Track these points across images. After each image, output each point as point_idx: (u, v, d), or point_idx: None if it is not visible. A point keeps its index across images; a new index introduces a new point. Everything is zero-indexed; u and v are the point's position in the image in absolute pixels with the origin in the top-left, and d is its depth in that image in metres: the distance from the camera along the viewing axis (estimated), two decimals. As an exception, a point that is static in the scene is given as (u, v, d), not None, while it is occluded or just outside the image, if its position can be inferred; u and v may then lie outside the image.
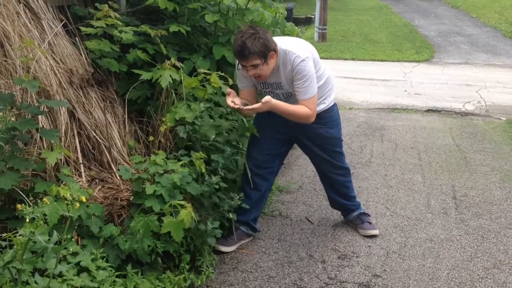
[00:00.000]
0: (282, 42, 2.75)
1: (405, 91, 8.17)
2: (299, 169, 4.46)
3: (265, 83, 2.85)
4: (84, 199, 1.96)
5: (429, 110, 6.91)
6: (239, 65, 2.77)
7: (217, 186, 2.78)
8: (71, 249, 2.07)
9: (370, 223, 3.32)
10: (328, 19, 13.91)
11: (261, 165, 3.08)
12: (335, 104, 3.06)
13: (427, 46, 12.67)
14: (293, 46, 2.74)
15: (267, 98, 2.66)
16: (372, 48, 12.53)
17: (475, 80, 8.96)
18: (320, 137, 3.02)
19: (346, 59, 11.33)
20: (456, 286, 2.70)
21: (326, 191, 3.36)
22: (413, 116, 6.60)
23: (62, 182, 2.41)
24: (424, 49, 12.32)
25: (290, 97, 2.85)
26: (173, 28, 3.25)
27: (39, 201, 1.76)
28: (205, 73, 3.05)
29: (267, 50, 2.60)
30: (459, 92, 8.02)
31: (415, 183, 4.14)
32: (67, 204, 2.06)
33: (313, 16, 15.87)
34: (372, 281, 2.75)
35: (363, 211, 3.36)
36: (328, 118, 3.01)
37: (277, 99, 2.82)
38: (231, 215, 2.93)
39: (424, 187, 4.05)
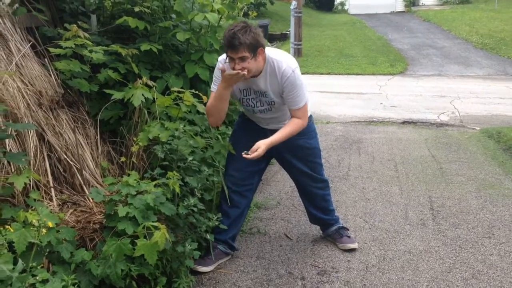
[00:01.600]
0: (269, 51, 2.74)
1: (381, 103, 8.26)
2: (277, 185, 4.44)
3: (248, 89, 2.81)
4: (50, 224, 1.90)
5: (405, 122, 6.99)
6: (223, 62, 2.70)
7: (195, 209, 2.73)
8: (40, 277, 2.00)
9: (349, 237, 3.30)
10: (303, 35, 14.06)
11: (239, 183, 3.04)
12: (311, 115, 3.06)
13: (401, 59, 12.89)
14: (281, 56, 2.75)
15: (259, 144, 2.68)
16: (347, 62, 12.68)
17: (448, 91, 9.12)
18: (301, 148, 3.01)
19: (322, 74, 11.44)
20: (436, 298, 2.69)
21: (305, 206, 3.33)
22: (389, 128, 6.66)
23: (31, 207, 2.34)
24: (398, 62, 12.53)
25: (274, 105, 2.83)
26: (145, 46, 3.22)
27: (1, 228, 1.70)
28: (178, 92, 3.02)
29: (257, 44, 2.58)
30: (434, 104, 8.13)
31: (392, 195, 4.15)
32: (36, 230, 2.01)
33: (288, 32, 16.02)
34: (352, 296, 2.72)
35: (341, 225, 3.34)
36: (307, 128, 3.00)
37: (260, 106, 2.83)
38: (208, 236, 2.88)
39: (401, 199, 4.06)
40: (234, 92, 2.85)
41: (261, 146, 2.69)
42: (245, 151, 2.71)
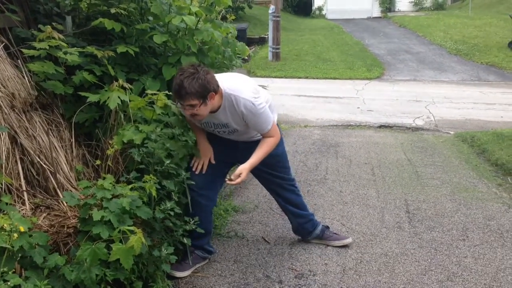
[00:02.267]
0: (226, 83, 2.68)
1: (358, 108, 8.34)
2: (254, 188, 4.43)
3: (209, 122, 2.82)
4: (22, 229, 1.85)
5: (381, 126, 7.07)
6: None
7: (171, 212, 2.70)
8: (11, 282, 1.95)
9: (337, 234, 3.37)
10: (281, 39, 14.13)
11: (204, 186, 2.98)
12: (278, 123, 3.06)
13: (377, 64, 13.05)
14: (238, 88, 2.69)
15: (241, 169, 2.72)
16: (325, 67, 12.78)
17: (423, 96, 9.27)
18: (270, 156, 2.99)
19: (300, 78, 11.50)
20: (411, 300, 2.71)
21: (283, 207, 3.32)
22: (366, 132, 6.72)
23: (2, 211, 2.28)
24: (374, 67, 12.68)
25: (235, 132, 2.85)
26: (121, 48, 3.18)
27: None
28: (152, 94, 2.99)
29: (206, 92, 2.53)
30: (409, 108, 8.25)
31: (369, 198, 4.18)
32: (7, 235, 1.96)
33: (266, 36, 16.07)
34: (330, 299, 2.72)
35: (324, 225, 3.40)
36: None
37: (220, 135, 2.89)
38: (185, 240, 2.85)
39: (378, 202, 4.10)
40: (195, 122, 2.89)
41: (243, 171, 2.74)
42: (227, 177, 2.78)
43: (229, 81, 2.72)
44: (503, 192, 4.32)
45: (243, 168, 2.74)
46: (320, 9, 26.98)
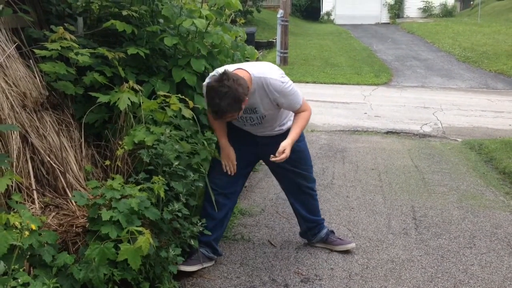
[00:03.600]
0: (254, 69, 2.75)
1: (365, 113, 8.33)
2: (261, 192, 4.43)
3: (243, 110, 2.79)
4: (34, 227, 1.87)
5: (389, 132, 7.05)
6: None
7: (179, 214, 2.72)
8: (21, 280, 1.96)
9: (342, 239, 3.37)
10: (289, 43, 14.15)
11: (225, 186, 3.06)
12: None
13: (385, 70, 13.03)
14: (265, 70, 2.76)
15: (284, 145, 2.78)
16: (332, 72, 12.78)
17: (431, 102, 9.24)
18: (292, 151, 3.02)
19: (307, 82, 11.50)
20: (418, 307, 2.70)
21: (296, 210, 3.32)
22: (373, 138, 6.71)
23: (13, 209, 2.30)
24: (382, 72, 12.66)
25: (264, 118, 2.88)
26: (132, 50, 3.21)
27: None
28: (164, 96, 3.01)
29: (241, 102, 2.59)
30: (417, 115, 8.23)
31: (376, 204, 4.18)
32: (17, 233, 1.98)
33: (274, 40, 16.11)
34: (335, 304, 2.72)
35: (329, 228, 3.41)
36: None
37: (250, 121, 2.91)
38: (192, 242, 2.86)
39: (384, 208, 4.09)
40: None
41: (286, 147, 2.79)
42: (272, 155, 2.80)
43: (257, 67, 2.80)
44: (511, 201, 4.30)
45: (286, 144, 2.79)
46: (328, 14, 27.01)
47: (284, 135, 2.96)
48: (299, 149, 3.09)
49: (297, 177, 3.17)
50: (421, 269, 3.11)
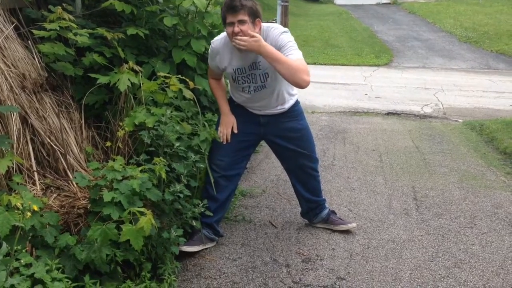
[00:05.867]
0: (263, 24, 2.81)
1: (366, 94, 8.30)
2: (262, 173, 4.44)
3: (243, 68, 2.83)
4: (35, 208, 1.87)
5: (389, 113, 7.04)
6: (216, 43, 2.84)
7: (181, 195, 2.72)
8: (23, 261, 1.97)
9: (342, 219, 3.38)
10: (289, 24, 14.00)
11: (227, 167, 3.04)
12: (298, 100, 3.12)
13: (386, 51, 12.96)
14: (272, 24, 2.87)
15: (259, 36, 2.61)
16: (333, 53, 12.72)
17: (432, 83, 9.21)
18: (294, 130, 3.03)
19: (307, 64, 11.42)
20: (418, 286, 2.71)
21: (297, 191, 3.31)
22: (374, 119, 6.70)
23: (14, 190, 2.30)
24: (383, 53, 12.60)
25: (267, 80, 2.85)
26: (131, 31, 3.17)
27: (-15, 211, 1.67)
28: (164, 77, 2.99)
29: (257, 13, 2.66)
30: (418, 95, 8.21)
31: (377, 185, 4.18)
32: (19, 214, 1.97)
33: (274, 21, 15.95)
34: (337, 283, 2.73)
35: (330, 209, 3.42)
36: (297, 111, 3.08)
37: (254, 83, 2.86)
38: (194, 223, 2.87)
39: (385, 189, 4.09)
40: (229, 73, 2.91)
41: (258, 37, 2.59)
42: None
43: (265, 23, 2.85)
44: (512, 181, 4.31)
45: (259, 38, 2.59)
46: (328, -6, 26.73)
47: (286, 114, 2.98)
48: (301, 127, 3.08)
49: (299, 156, 3.14)
50: (422, 248, 3.12)
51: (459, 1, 21.77)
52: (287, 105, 3.01)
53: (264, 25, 2.78)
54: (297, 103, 3.08)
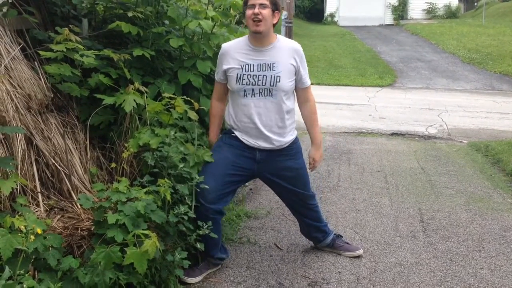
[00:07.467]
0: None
1: (370, 115, 8.30)
2: (267, 194, 4.40)
3: (251, 65, 2.78)
4: (39, 231, 1.84)
5: (394, 134, 7.02)
6: (226, 47, 2.88)
7: (185, 217, 2.67)
8: (26, 284, 1.94)
9: (349, 244, 3.32)
10: (293, 45, 14.12)
11: (214, 202, 2.83)
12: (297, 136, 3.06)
13: (389, 71, 13.00)
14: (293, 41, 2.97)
15: (314, 156, 3.05)
16: (336, 73, 12.76)
17: (436, 104, 9.21)
18: (290, 169, 2.97)
19: (312, 84, 11.45)
20: (427, 311, 2.66)
21: (298, 218, 3.28)
22: (378, 139, 6.67)
23: (17, 212, 2.28)
24: (386, 74, 12.64)
25: (275, 85, 2.77)
26: (137, 52, 3.18)
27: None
28: (169, 98, 2.98)
29: (277, 4, 2.73)
30: (422, 116, 8.19)
31: (382, 207, 4.14)
32: (23, 237, 1.95)
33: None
34: (343, 308, 2.68)
35: (336, 233, 3.36)
36: (296, 149, 3.00)
37: (260, 84, 2.78)
38: (198, 245, 2.82)
39: (391, 211, 4.05)
40: (234, 70, 2.81)
41: (315, 158, 3.06)
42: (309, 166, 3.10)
43: None
44: (519, 203, 4.26)
45: (314, 155, 3.05)
46: (332, 15, 26.99)
47: (284, 152, 2.91)
48: (298, 166, 3.00)
49: (295, 195, 3.08)
50: (430, 272, 3.07)
51: (462, 23, 21.93)
52: (287, 139, 2.91)
53: (281, 36, 2.87)
54: (296, 140, 3.00)
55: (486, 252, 3.33)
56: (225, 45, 2.91)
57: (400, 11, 26.04)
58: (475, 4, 32.03)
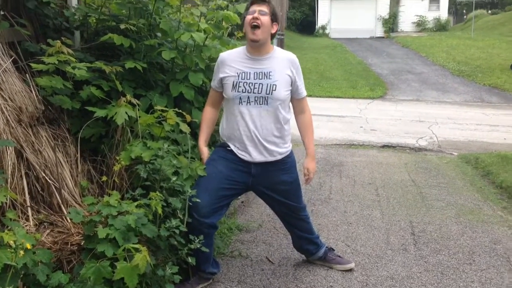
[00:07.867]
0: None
1: (361, 127, 8.34)
2: (258, 207, 4.39)
3: (247, 73, 2.78)
4: (29, 246, 1.82)
5: (385, 146, 7.05)
6: (224, 56, 2.89)
7: (176, 230, 2.65)
8: (14, 301, 1.91)
9: (341, 257, 3.32)
10: (285, 57, 14.19)
11: (207, 216, 2.81)
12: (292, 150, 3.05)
13: (380, 84, 13.10)
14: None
15: (307, 166, 3.02)
16: (328, 85, 12.83)
17: (426, 116, 9.27)
18: (284, 183, 2.96)
19: (303, 96, 11.51)
20: (419, 326, 2.66)
21: (289, 230, 3.27)
22: (369, 152, 6.70)
23: (7, 227, 2.25)
24: (377, 86, 12.72)
25: (271, 94, 2.76)
26: (129, 64, 3.18)
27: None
28: (161, 110, 2.98)
29: (277, 16, 2.82)
30: (412, 128, 8.25)
31: (374, 219, 4.14)
32: (12, 252, 1.93)
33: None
34: (335, 323, 2.67)
35: (328, 246, 3.36)
36: (290, 163, 2.99)
37: (256, 92, 2.76)
38: (190, 259, 2.80)
39: (383, 223, 4.06)
40: (230, 78, 2.80)
41: (309, 168, 3.02)
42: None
43: None
44: (509, 215, 4.28)
45: (308, 165, 3.02)
46: (323, 28, 27.19)
47: (279, 166, 2.90)
48: (292, 180, 3.00)
49: (287, 208, 3.07)
50: (421, 286, 3.07)
51: (451, 36, 22.18)
52: (282, 149, 2.90)
53: (282, 50, 2.93)
54: (291, 153, 3.00)
55: (476, 265, 3.34)
56: (222, 54, 2.93)
57: (390, 24, 26.31)
58: (464, 17, 32.47)
